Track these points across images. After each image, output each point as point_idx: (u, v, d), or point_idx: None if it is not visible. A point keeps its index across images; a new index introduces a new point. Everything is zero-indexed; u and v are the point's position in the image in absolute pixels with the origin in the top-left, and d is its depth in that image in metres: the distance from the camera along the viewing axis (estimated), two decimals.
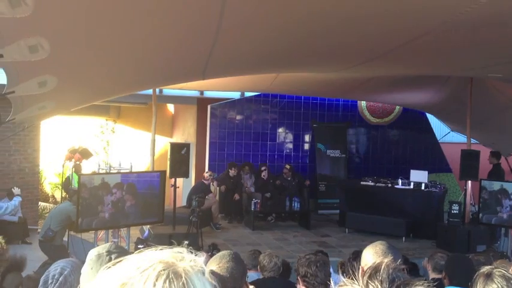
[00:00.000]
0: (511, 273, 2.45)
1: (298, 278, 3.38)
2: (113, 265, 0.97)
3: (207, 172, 11.21)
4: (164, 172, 8.73)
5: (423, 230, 10.36)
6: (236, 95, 12.99)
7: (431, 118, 14.37)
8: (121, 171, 8.56)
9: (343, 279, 1.18)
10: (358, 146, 14.06)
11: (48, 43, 3.62)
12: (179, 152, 9.15)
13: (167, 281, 0.90)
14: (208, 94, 12.75)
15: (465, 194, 10.46)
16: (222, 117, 12.77)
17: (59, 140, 12.53)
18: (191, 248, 1.04)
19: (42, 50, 3.61)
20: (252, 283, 3.18)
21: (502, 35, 5.22)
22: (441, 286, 3.62)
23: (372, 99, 13.18)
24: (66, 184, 9.72)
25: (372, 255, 2.32)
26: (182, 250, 0.99)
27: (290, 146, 13.37)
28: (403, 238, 10.05)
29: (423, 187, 10.81)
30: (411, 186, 10.94)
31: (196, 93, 12.63)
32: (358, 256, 3.28)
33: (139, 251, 1.00)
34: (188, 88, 11.32)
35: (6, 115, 5.77)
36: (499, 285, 2.38)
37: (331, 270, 3.68)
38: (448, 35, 5.17)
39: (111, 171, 8.48)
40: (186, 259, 0.97)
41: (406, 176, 11.17)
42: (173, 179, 9.20)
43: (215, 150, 12.60)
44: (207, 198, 10.10)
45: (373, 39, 5.46)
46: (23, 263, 3.63)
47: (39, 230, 9.42)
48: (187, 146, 9.47)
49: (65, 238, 7.98)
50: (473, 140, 11.72)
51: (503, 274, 2.44)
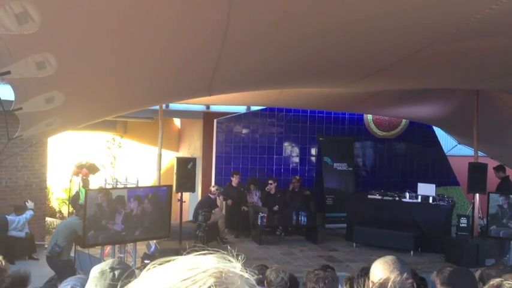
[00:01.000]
0: None
1: None
2: (159, 265, 0.87)
3: (214, 186, 11.21)
4: (170, 186, 8.73)
5: (431, 244, 10.28)
6: (242, 109, 13.02)
7: (438, 131, 14.32)
8: (128, 186, 8.57)
9: None
10: (364, 159, 14.02)
11: (55, 59, 3.65)
12: (185, 167, 9.16)
13: None
14: (214, 108, 12.79)
15: (473, 207, 10.38)
16: (228, 131, 12.79)
17: (66, 156, 12.59)
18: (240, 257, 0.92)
19: (49, 66, 3.65)
20: None
21: (505, 47, 5.22)
22: None
23: (378, 112, 13.17)
24: (74, 199, 9.74)
25: (381, 270, 2.30)
26: (234, 263, 0.88)
27: (296, 160, 13.36)
28: (411, 252, 9.96)
29: (431, 200, 10.74)
30: (419, 199, 10.88)
31: (202, 107, 12.68)
32: (367, 272, 3.25)
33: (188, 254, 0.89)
34: (194, 102, 11.36)
35: (14, 131, 5.81)
36: None
37: (339, 286, 3.65)
38: (453, 47, 5.17)
39: (117, 186, 8.50)
40: (239, 275, 0.85)
41: (414, 190, 11.11)
42: (179, 194, 9.20)
43: (221, 164, 12.60)
44: (214, 212, 10.08)
45: (378, 53, 5.48)
46: (27, 279, 3.63)
47: (46, 246, 9.42)
48: (193, 161, 9.48)
49: (72, 253, 7.97)
50: (480, 153, 11.67)
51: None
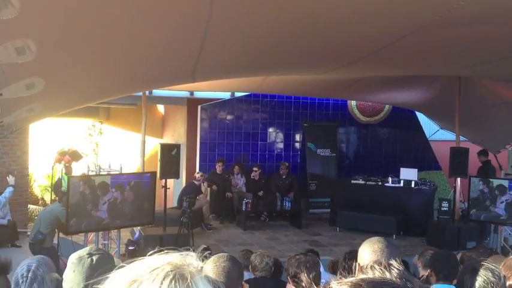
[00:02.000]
0: (501, 267, 2.48)
1: (288, 278, 3.39)
2: (127, 264, 1.06)
3: (198, 173, 11.19)
4: (154, 173, 8.70)
5: (413, 228, 10.42)
6: (226, 95, 12.97)
7: (420, 116, 14.44)
8: (111, 172, 8.52)
9: (332, 278, 1.18)
10: (348, 145, 14.10)
11: (35, 45, 3.60)
12: (169, 153, 9.11)
13: (173, 281, 0.99)
14: (198, 94, 12.72)
15: (454, 191, 10.53)
16: (213, 117, 12.75)
17: (48, 142, 12.45)
18: (202, 254, 1.15)
19: (29, 52, 3.59)
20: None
21: (488, 34, 5.26)
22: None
23: (362, 98, 13.22)
24: (57, 186, 9.66)
25: (370, 252, 2.30)
26: (191, 255, 1.09)
27: (281, 146, 13.38)
28: (394, 236, 10.09)
29: (413, 185, 10.87)
30: (401, 184, 11.00)
31: (186, 93, 12.60)
32: (353, 256, 3.27)
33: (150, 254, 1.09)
34: (178, 89, 11.29)
35: None
36: (485, 277, 2.41)
37: (321, 269, 3.68)
38: (436, 34, 5.20)
39: (100, 172, 8.44)
40: (193, 264, 1.06)
41: (396, 174, 11.22)
42: (164, 180, 9.17)
43: (206, 150, 12.58)
44: (198, 198, 10.08)
45: (360, 39, 5.48)
46: (8, 266, 3.60)
47: (28, 233, 9.35)
48: (177, 147, 9.44)
49: (55, 241, 7.93)
50: (462, 138, 11.81)
51: (487, 266, 2.48)
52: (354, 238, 10.02)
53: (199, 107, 12.59)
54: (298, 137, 13.51)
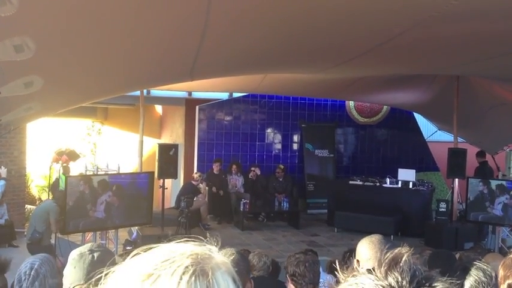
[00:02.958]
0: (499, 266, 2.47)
1: (287, 277, 3.38)
2: (143, 251, 0.97)
3: (196, 173, 11.17)
4: (152, 173, 8.69)
5: (411, 228, 10.42)
6: (224, 96, 12.97)
7: (418, 117, 14.46)
8: (108, 172, 8.51)
9: (329, 278, 1.15)
10: (346, 146, 14.10)
11: (33, 42, 3.59)
12: (167, 153, 9.10)
13: (193, 277, 0.91)
14: (196, 95, 12.72)
15: (452, 192, 10.54)
16: (211, 117, 12.74)
17: (46, 142, 12.42)
18: (218, 241, 1.05)
19: (27, 50, 3.58)
20: None
21: (484, 30, 5.27)
22: None
23: (360, 99, 13.23)
24: (54, 186, 9.63)
25: (368, 248, 2.29)
26: (211, 247, 0.99)
27: (279, 146, 13.38)
28: (391, 236, 10.07)
29: (411, 186, 10.88)
30: (399, 185, 11.01)
31: (184, 94, 12.60)
32: (351, 255, 3.27)
33: (167, 242, 0.99)
34: (176, 89, 11.28)
35: None
36: (476, 277, 2.41)
37: (320, 269, 3.68)
38: (432, 30, 5.20)
39: (98, 172, 8.43)
40: (215, 257, 0.97)
41: (394, 175, 11.23)
42: (161, 180, 9.16)
43: (204, 151, 12.57)
44: (196, 199, 10.07)
45: (358, 36, 5.49)
46: (6, 265, 3.60)
47: (26, 233, 9.32)
48: (175, 147, 9.43)
49: (52, 240, 7.91)
50: (460, 139, 11.82)
51: (478, 266, 2.47)
52: (352, 239, 10.00)
53: (197, 108, 12.58)
54: (296, 138, 13.51)
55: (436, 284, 0.98)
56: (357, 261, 2.24)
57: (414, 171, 11.18)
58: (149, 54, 5.36)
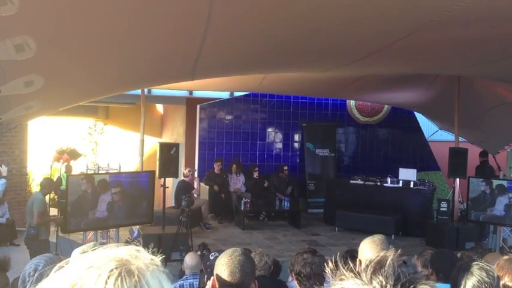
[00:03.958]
0: (495, 267, 2.47)
1: (292, 273, 3.36)
2: (65, 264, 0.94)
3: (186, 169, 11.03)
4: (153, 172, 8.69)
5: (412, 228, 10.41)
6: (225, 95, 12.97)
7: (419, 117, 14.45)
8: (110, 171, 8.51)
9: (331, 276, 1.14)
10: (347, 145, 14.09)
11: (34, 42, 3.59)
12: (168, 152, 9.09)
13: (119, 279, 0.88)
14: (197, 94, 12.72)
15: (453, 192, 10.53)
16: (212, 117, 12.74)
17: (47, 141, 12.42)
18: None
19: (28, 49, 3.58)
20: None
21: (485, 35, 5.26)
22: None
23: (361, 98, 13.22)
24: (57, 185, 9.64)
25: (370, 248, 2.28)
26: (138, 248, 0.96)
27: (280, 146, 13.38)
28: (392, 236, 10.07)
29: (412, 185, 10.86)
30: (400, 184, 10.99)
31: (185, 93, 12.59)
32: (351, 255, 3.25)
33: (92, 250, 0.97)
34: (177, 88, 11.28)
35: None
36: (479, 277, 2.40)
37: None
38: (435, 34, 5.20)
39: (99, 171, 8.43)
40: (141, 257, 0.94)
41: (395, 175, 11.21)
42: (162, 179, 9.16)
43: (204, 150, 12.57)
44: (196, 197, 10.07)
45: (361, 39, 5.48)
46: (7, 263, 3.60)
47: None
48: (176, 146, 9.42)
49: (54, 240, 7.91)
50: (461, 139, 11.82)
51: (481, 266, 2.47)
52: (353, 238, 10.01)
53: (198, 107, 12.57)
54: (297, 137, 13.51)
55: (421, 286, 1.00)
56: (359, 261, 2.24)
57: (415, 170, 11.16)
58: (150, 53, 5.36)
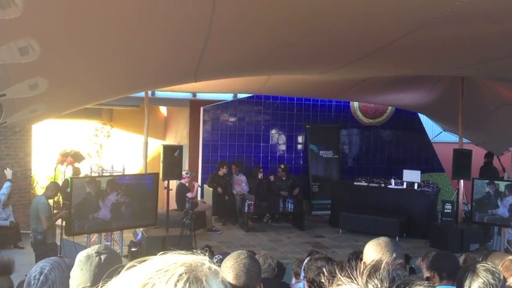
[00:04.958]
0: (501, 268, 2.47)
1: (295, 276, 3.35)
2: (137, 264, 1.00)
3: (184, 170, 11.01)
4: (157, 174, 8.70)
5: (416, 230, 10.39)
6: (229, 97, 12.97)
7: (423, 118, 14.42)
8: (114, 174, 8.52)
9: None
10: (351, 147, 14.08)
11: (38, 44, 3.60)
12: (172, 154, 9.11)
13: (187, 284, 0.94)
14: (200, 96, 12.72)
15: (458, 193, 10.50)
16: (215, 119, 12.75)
17: (51, 144, 12.45)
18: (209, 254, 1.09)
19: (32, 52, 3.59)
20: None
21: (487, 32, 5.25)
22: None
23: (364, 100, 13.21)
24: (64, 187, 9.66)
25: (374, 251, 2.28)
26: (204, 258, 1.03)
27: (283, 147, 13.37)
28: (397, 238, 10.03)
29: (416, 187, 10.84)
30: (404, 186, 10.97)
31: (188, 95, 12.60)
32: (357, 256, 3.24)
33: (161, 253, 1.03)
34: (180, 90, 11.29)
35: None
36: (485, 279, 2.39)
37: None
38: (437, 32, 5.19)
39: (103, 174, 8.44)
40: (206, 264, 1.00)
41: (399, 176, 11.19)
42: (166, 182, 9.17)
43: (208, 152, 12.58)
44: (201, 201, 10.07)
45: (363, 39, 5.48)
46: (11, 266, 3.62)
47: (31, 235, 9.35)
48: (180, 148, 9.43)
49: (58, 242, 7.92)
50: (465, 140, 11.79)
51: (487, 268, 2.46)
52: (357, 240, 10.00)
53: (201, 109, 12.59)
54: (300, 139, 13.50)
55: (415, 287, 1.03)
56: (364, 263, 2.23)
57: (419, 172, 11.14)
58: (154, 55, 5.37)
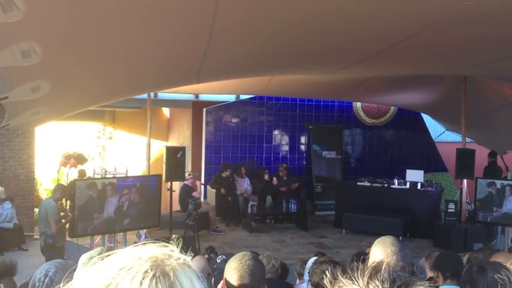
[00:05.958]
0: (510, 266, 2.45)
1: (309, 282, 3.32)
2: (99, 260, 0.94)
3: (186, 172, 11.05)
4: (160, 176, 8.71)
5: (420, 230, 10.37)
6: (231, 98, 12.97)
7: (426, 118, 14.40)
8: (117, 175, 8.53)
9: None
10: (353, 147, 14.06)
11: (40, 47, 3.61)
12: (175, 156, 9.11)
13: (154, 280, 0.87)
14: (203, 97, 12.72)
15: (461, 193, 10.48)
16: (218, 120, 12.75)
17: (54, 146, 12.48)
18: (179, 242, 1.01)
19: (34, 55, 3.60)
20: None
21: (492, 33, 5.24)
22: None
23: (367, 100, 13.20)
24: (70, 189, 9.69)
25: (381, 250, 2.26)
26: (172, 247, 0.96)
27: (286, 148, 13.37)
28: (400, 238, 10.01)
29: (419, 187, 10.82)
30: (407, 186, 10.95)
31: (191, 96, 12.61)
32: (360, 257, 3.23)
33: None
34: (183, 91, 11.30)
35: (0, 121, 5.75)
36: (494, 277, 2.38)
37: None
38: (440, 34, 5.19)
39: (106, 176, 8.46)
40: (174, 256, 0.93)
41: (402, 176, 11.17)
42: (169, 183, 9.18)
43: (211, 153, 12.58)
44: (202, 201, 10.09)
45: (366, 40, 5.47)
46: (14, 268, 3.62)
47: (35, 237, 9.38)
48: (182, 150, 9.44)
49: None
50: (468, 139, 11.76)
51: (495, 267, 2.45)
52: (360, 240, 9.99)
53: (204, 110, 12.59)
54: (303, 139, 13.49)
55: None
56: (365, 264, 2.22)
57: (422, 172, 11.12)
58: (156, 57, 5.37)
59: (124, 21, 4.13)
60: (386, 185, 11.17)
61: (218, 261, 4.66)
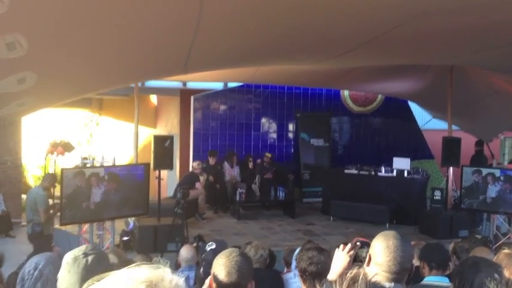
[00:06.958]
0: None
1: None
2: (96, 281, 0.98)
3: (195, 162, 11.18)
4: (148, 165, 8.70)
5: (406, 216, 10.48)
6: (219, 86, 12.94)
7: (413, 106, 14.49)
8: (104, 164, 8.51)
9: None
10: (341, 135, 14.13)
11: (25, 39, 3.57)
12: (163, 144, 9.10)
13: None
14: (191, 85, 12.68)
15: (447, 180, 10.60)
16: (206, 108, 12.73)
17: (42, 133, 12.40)
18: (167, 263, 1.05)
19: (20, 47, 3.57)
20: None
21: (480, 23, 5.28)
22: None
23: (355, 88, 13.24)
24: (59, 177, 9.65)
25: (382, 248, 2.27)
26: (164, 268, 1.01)
27: (274, 136, 13.40)
28: (387, 224, 10.14)
29: (406, 174, 10.92)
30: (394, 173, 11.04)
31: (179, 84, 12.56)
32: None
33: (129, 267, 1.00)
34: (171, 79, 11.25)
35: None
36: (487, 273, 2.41)
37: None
38: (427, 24, 5.21)
39: (94, 164, 8.43)
40: (167, 279, 0.99)
41: (389, 164, 11.26)
42: (157, 171, 9.17)
43: (199, 141, 12.57)
44: (196, 188, 10.16)
45: (353, 30, 5.48)
46: (1, 259, 3.62)
47: (23, 223, 9.35)
48: (170, 138, 9.42)
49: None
50: (454, 127, 11.87)
51: (489, 263, 2.49)
52: (347, 227, 10.10)
53: (192, 98, 12.55)
54: (291, 127, 13.53)
55: None
56: (369, 255, 2.27)
57: (409, 159, 11.21)
58: (143, 47, 5.35)
59: (111, 10, 4.10)
60: (373, 173, 11.26)
61: (207, 249, 4.71)
